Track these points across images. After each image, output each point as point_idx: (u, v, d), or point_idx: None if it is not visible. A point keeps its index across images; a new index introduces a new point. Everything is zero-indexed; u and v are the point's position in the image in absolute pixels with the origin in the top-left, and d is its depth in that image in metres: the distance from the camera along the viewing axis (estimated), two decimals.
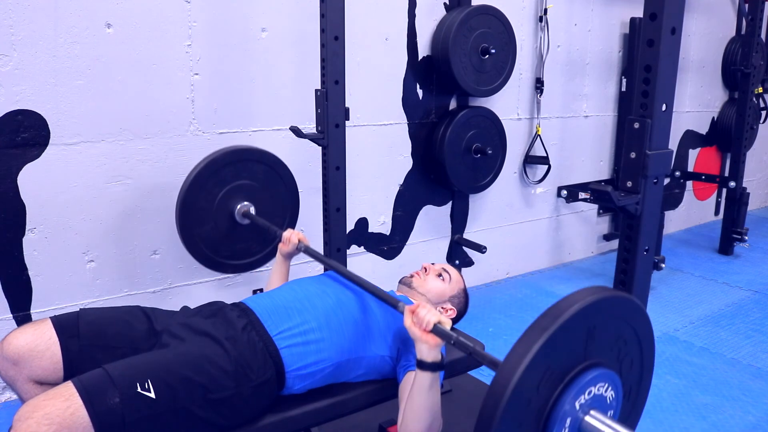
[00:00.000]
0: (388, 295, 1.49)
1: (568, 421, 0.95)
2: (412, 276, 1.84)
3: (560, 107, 3.83)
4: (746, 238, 4.29)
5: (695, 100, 4.76)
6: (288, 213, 2.29)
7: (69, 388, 1.19)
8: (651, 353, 1.14)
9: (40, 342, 1.37)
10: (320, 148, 2.32)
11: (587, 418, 0.97)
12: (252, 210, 2.16)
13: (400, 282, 1.87)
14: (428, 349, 1.32)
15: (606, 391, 1.00)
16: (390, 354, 1.56)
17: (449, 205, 3.45)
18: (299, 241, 1.88)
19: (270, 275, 1.95)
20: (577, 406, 0.96)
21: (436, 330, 1.30)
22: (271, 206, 2.23)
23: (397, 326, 1.59)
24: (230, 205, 2.14)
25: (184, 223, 2.09)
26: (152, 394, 1.23)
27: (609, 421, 0.97)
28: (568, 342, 0.94)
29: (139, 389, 1.22)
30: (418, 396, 1.35)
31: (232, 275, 2.74)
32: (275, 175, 2.24)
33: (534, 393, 0.91)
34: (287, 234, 1.89)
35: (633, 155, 1.43)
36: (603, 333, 1.01)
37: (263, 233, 2.20)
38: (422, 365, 1.33)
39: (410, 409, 1.37)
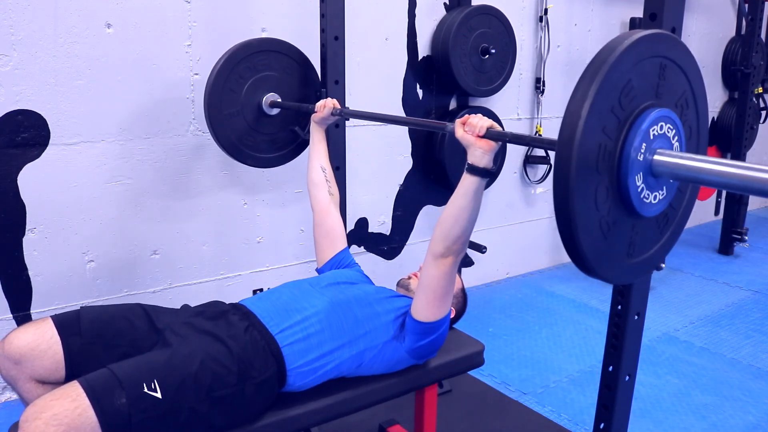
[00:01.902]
0: (432, 121, 1.55)
1: (644, 146, 0.97)
2: (409, 278, 1.84)
3: (561, 107, 3.82)
4: (746, 238, 4.30)
5: None
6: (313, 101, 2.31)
7: (76, 389, 1.19)
8: (705, 131, 1.15)
9: (41, 341, 1.37)
10: None
11: (660, 150, 0.99)
12: (280, 99, 2.19)
13: (397, 284, 1.87)
14: (482, 153, 1.33)
15: (674, 139, 1.02)
16: (394, 333, 1.57)
17: None
18: (333, 106, 1.91)
19: (309, 148, 2.00)
20: (651, 136, 0.98)
21: (490, 134, 1.31)
22: (295, 98, 2.25)
23: (395, 307, 1.61)
24: (258, 94, 2.16)
25: (213, 104, 2.10)
26: (159, 394, 1.23)
27: (680, 153, 1.00)
28: (645, 65, 0.96)
29: (145, 389, 1.23)
30: (463, 199, 1.38)
31: (232, 275, 2.74)
32: (303, 74, 2.26)
33: (617, 104, 0.93)
34: (321, 102, 1.94)
35: None
36: (672, 79, 1.03)
37: (288, 128, 2.24)
38: (473, 170, 1.35)
39: (450, 212, 1.41)
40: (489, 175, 1.36)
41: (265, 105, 2.18)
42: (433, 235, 1.46)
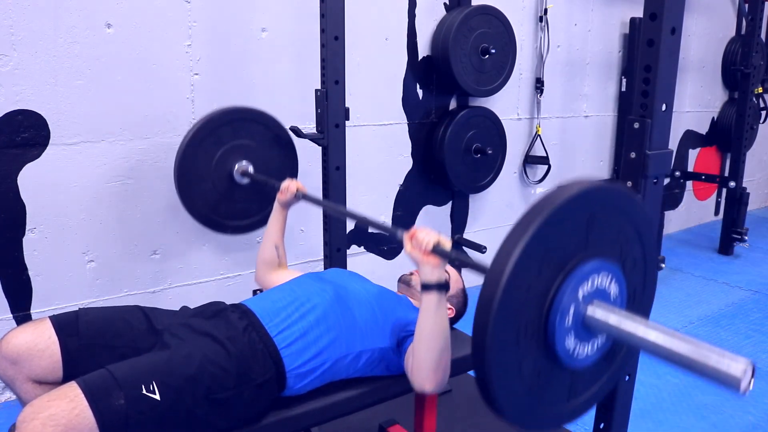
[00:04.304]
0: (385, 225, 1.50)
1: (572, 309, 0.92)
2: (411, 274, 1.84)
3: (560, 107, 3.83)
4: (746, 238, 4.29)
5: (695, 100, 4.76)
6: (287, 174, 2.29)
7: (74, 389, 1.18)
8: (653, 258, 1.11)
9: (39, 341, 1.37)
10: (320, 148, 2.32)
11: (591, 308, 0.94)
12: (250, 169, 2.17)
13: (399, 280, 1.87)
14: (431, 269, 1.33)
15: (609, 285, 0.98)
16: (390, 345, 1.56)
17: (449, 205, 3.45)
18: (297, 189, 1.89)
19: (267, 225, 1.95)
20: (581, 295, 0.93)
21: (437, 250, 1.32)
22: (270, 167, 2.22)
23: (396, 316, 1.60)
24: (228, 164, 2.15)
25: (183, 181, 2.09)
26: (157, 396, 1.23)
27: (613, 308, 0.94)
28: (569, 225, 0.92)
29: (144, 391, 1.22)
30: (426, 321, 1.35)
31: (232, 275, 2.74)
32: (273, 136, 2.24)
33: (535, 278, 0.89)
34: (285, 183, 1.91)
35: (633, 155, 1.43)
36: (605, 224, 0.98)
37: (262, 193, 2.21)
38: (427, 287, 1.34)
39: (419, 339, 1.38)
40: (445, 287, 1.35)
41: (237, 174, 2.16)
42: (410, 370, 1.42)
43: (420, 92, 3.18)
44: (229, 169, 2.15)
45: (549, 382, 0.97)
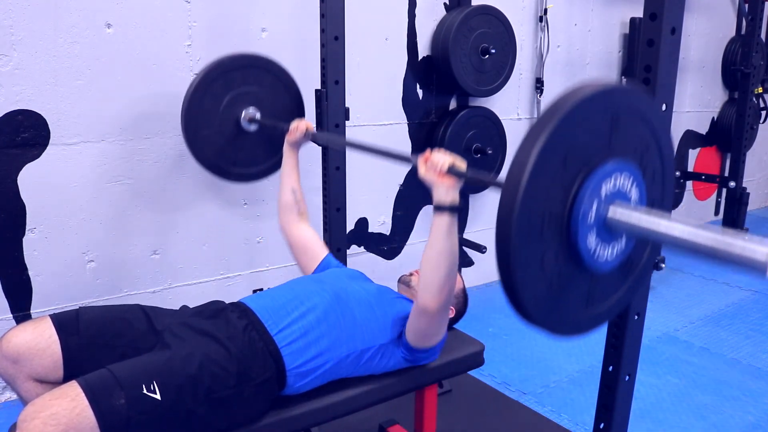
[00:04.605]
0: (400, 153, 1.53)
1: (595, 205, 0.93)
2: (411, 274, 1.84)
3: None
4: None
5: (695, 100, 4.76)
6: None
7: (75, 388, 1.19)
8: (671, 175, 1.12)
9: (40, 340, 1.37)
10: (320, 148, 2.32)
11: (613, 207, 0.95)
12: (258, 115, 2.18)
13: (399, 281, 1.87)
14: (446, 190, 1.34)
15: (630, 189, 0.98)
16: (391, 339, 1.57)
17: None
18: (307, 128, 1.91)
19: (281, 170, 1.98)
20: (603, 193, 0.94)
21: (452, 171, 1.33)
22: (277, 115, 2.22)
23: (395, 311, 1.61)
24: (236, 110, 2.15)
25: (190, 125, 2.09)
26: (158, 396, 1.23)
27: (635, 206, 0.96)
28: (594, 121, 0.92)
29: (144, 390, 1.23)
30: (436, 240, 1.37)
31: (232, 275, 2.74)
32: (280, 85, 2.24)
33: (560, 168, 0.89)
34: (295, 123, 1.94)
35: None
36: (628, 128, 0.98)
37: (268, 142, 2.22)
38: (440, 208, 1.36)
39: (427, 259, 1.39)
40: (457, 210, 1.36)
41: (244, 121, 2.17)
42: (418, 288, 1.46)
43: (420, 92, 3.18)
44: (236, 116, 2.16)
45: (569, 283, 0.98)
